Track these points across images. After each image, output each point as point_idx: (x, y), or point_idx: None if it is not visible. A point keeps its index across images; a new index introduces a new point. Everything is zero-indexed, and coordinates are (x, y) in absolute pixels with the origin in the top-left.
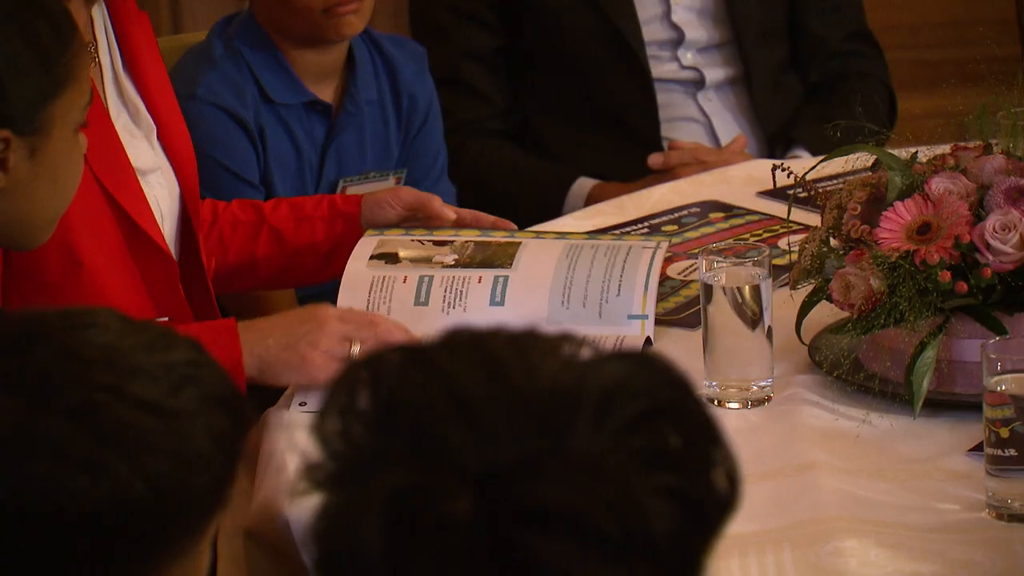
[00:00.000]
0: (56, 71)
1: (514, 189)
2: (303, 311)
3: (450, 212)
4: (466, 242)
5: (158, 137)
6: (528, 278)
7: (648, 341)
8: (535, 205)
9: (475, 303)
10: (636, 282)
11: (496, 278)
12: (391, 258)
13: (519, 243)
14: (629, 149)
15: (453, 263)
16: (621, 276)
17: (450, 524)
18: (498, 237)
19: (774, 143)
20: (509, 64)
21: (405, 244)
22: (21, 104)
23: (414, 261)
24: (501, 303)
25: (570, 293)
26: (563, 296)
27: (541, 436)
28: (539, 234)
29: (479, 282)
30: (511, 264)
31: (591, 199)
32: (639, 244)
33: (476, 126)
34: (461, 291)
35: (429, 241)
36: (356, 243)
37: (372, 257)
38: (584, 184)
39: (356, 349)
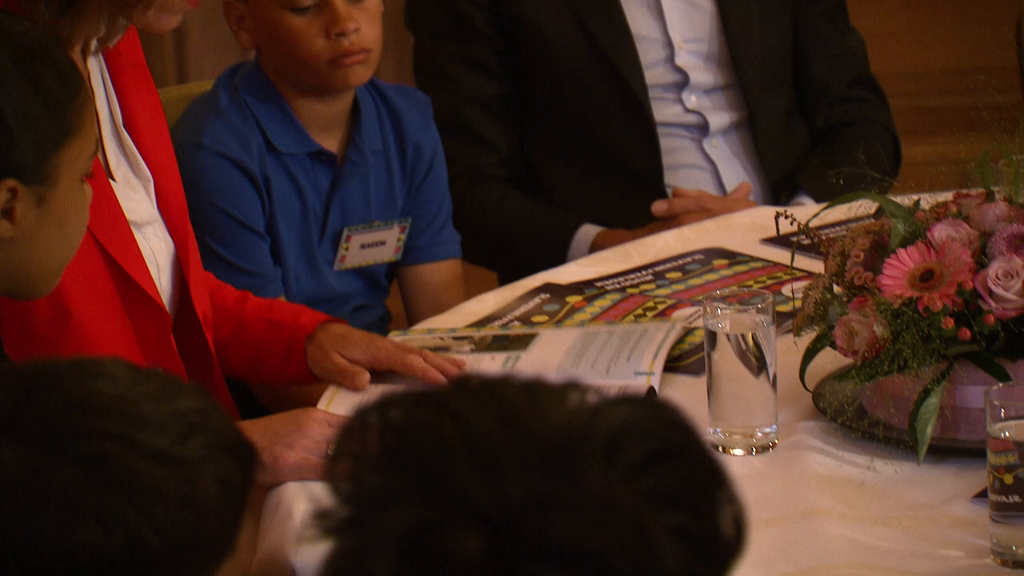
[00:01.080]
0: (63, 121)
1: (518, 236)
2: (289, 413)
3: (435, 374)
4: (486, 335)
5: (154, 189)
6: (540, 356)
7: (652, 391)
8: (539, 252)
9: None
10: (647, 350)
11: (509, 356)
12: None
13: (536, 334)
14: (633, 195)
15: (470, 351)
16: (633, 348)
17: (462, 562)
18: (517, 330)
19: (778, 190)
20: (513, 110)
21: (425, 341)
22: (29, 153)
23: (433, 351)
24: None
25: (580, 360)
26: (573, 362)
27: (552, 475)
28: (559, 324)
29: (491, 360)
30: (526, 348)
31: (595, 246)
32: (654, 326)
33: (480, 173)
34: (472, 368)
35: (450, 337)
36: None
37: None
38: (588, 231)
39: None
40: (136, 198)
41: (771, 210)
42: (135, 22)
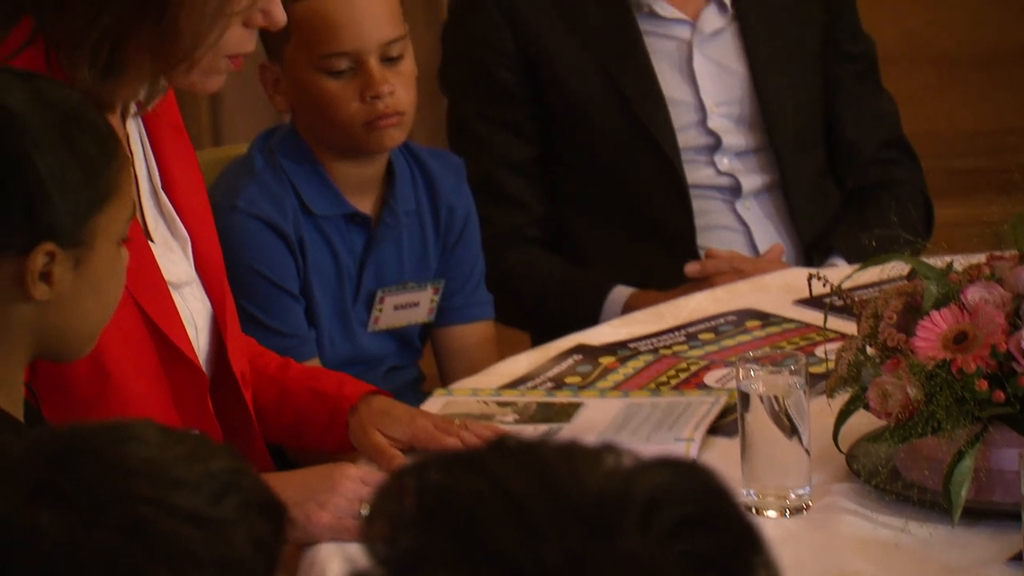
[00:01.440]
0: (100, 185)
1: (551, 297)
2: (324, 468)
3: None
4: (530, 403)
5: (192, 250)
6: (583, 429)
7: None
8: (572, 313)
9: None
10: (690, 420)
11: (551, 428)
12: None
13: (581, 403)
14: (666, 257)
15: (513, 422)
16: (676, 418)
17: None
18: (561, 398)
19: (811, 251)
20: (546, 171)
21: (470, 405)
22: (66, 217)
23: (475, 419)
24: None
25: (622, 429)
26: (615, 432)
27: (589, 536)
28: (603, 392)
29: (533, 431)
30: (569, 420)
31: (628, 307)
32: (698, 398)
33: (513, 234)
34: None
35: (494, 402)
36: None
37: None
38: (621, 292)
39: (366, 511)
40: (174, 259)
41: (804, 271)
42: (178, 84)
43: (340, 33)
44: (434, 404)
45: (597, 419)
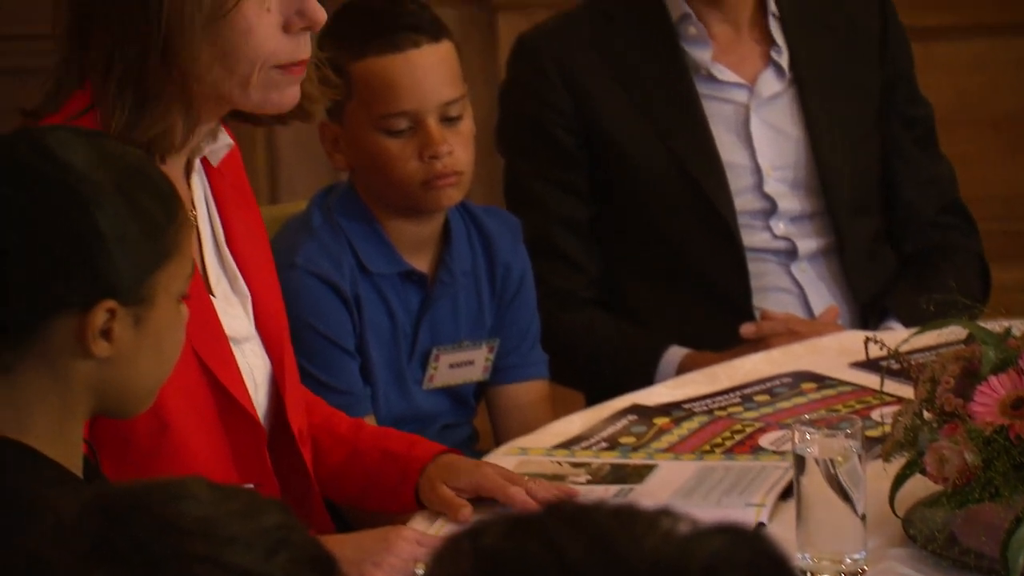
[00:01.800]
0: (161, 242)
1: (606, 357)
2: (381, 530)
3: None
4: (603, 464)
5: (252, 305)
6: (654, 491)
7: (760, 525)
8: (627, 373)
9: None
10: (763, 485)
11: (622, 489)
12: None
13: (655, 464)
14: (721, 318)
15: (585, 482)
16: (749, 482)
17: None
18: (635, 460)
19: (867, 314)
20: (601, 232)
21: (544, 464)
22: (127, 275)
23: (548, 479)
24: None
25: (694, 492)
26: (686, 495)
27: None
28: (678, 456)
29: (604, 492)
30: (641, 481)
31: (683, 368)
32: (773, 463)
33: (568, 294)
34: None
35: (568, 462)
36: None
37: None
38: (676, 353)
39: (421, 572)
40: (235, 314)
41: (860, 334)
42: (247, 108)
43: (400, 93)
44: (507, 463)
45: (669, 481)
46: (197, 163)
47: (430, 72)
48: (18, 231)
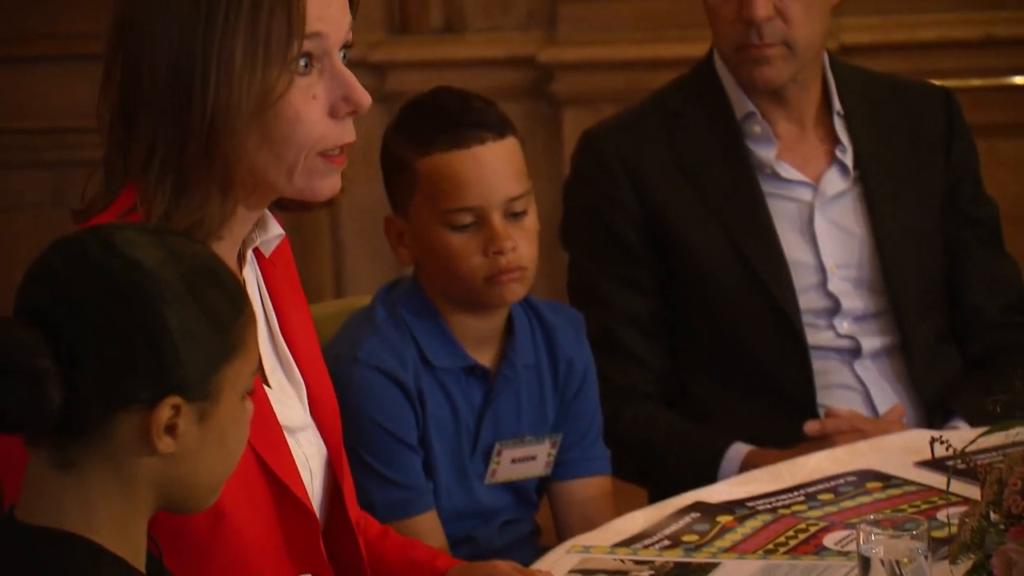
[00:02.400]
0: (228, 339)
1: (669, 454)
2: (485, 564)
3: None
4: (666, 562)
5: (307, 395)
6: None
7: None
8: (690, 470)
9: None
10: None
11: None
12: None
13: (719, 563)
14: (785, 415)
15: None
16: None
17: None
18: (700, 558)
19: (932, 413)
20: (665, 328)
21: (606, 562)
22: (193, 371)
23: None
24: None
25: None
26: None
27: None
28: (741, 555)
29: None
30: None
31: (746, 465)
32: (837, 564)
33: (632, 390)
34: None
35: (631, 559)
36: None
37: (570, 572)
38: (739, 450)
39: None
40: (291, 404)
41: (925, 433)
42: (289, 195)
43: (465, 189)
44: (569, 561)
45: None
46: (249, 254)
47: (495, 168)
48: (88, 328)
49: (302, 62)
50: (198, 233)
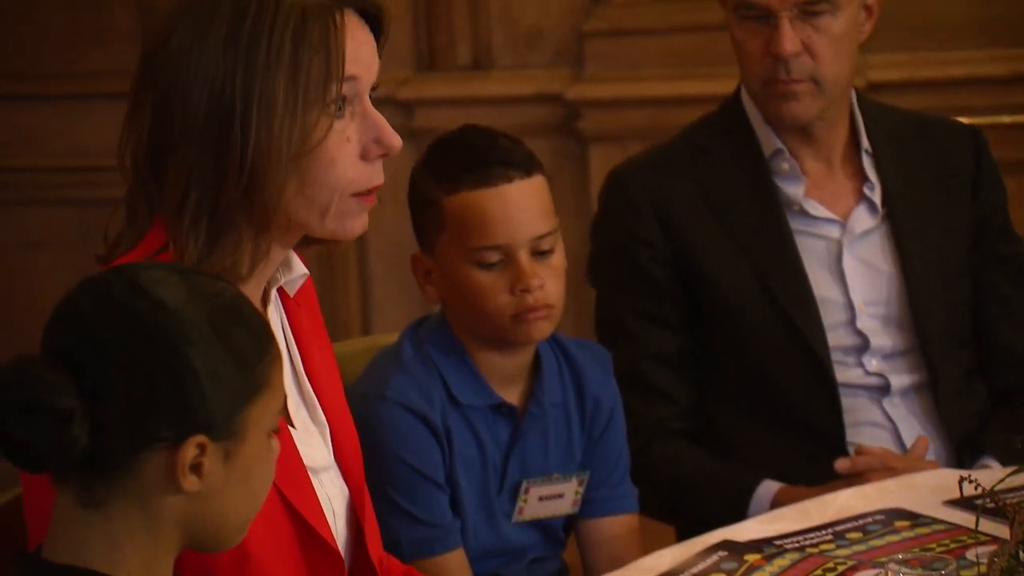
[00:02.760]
0: (253, 378)
1: (697, 491)
2: None
3: None
4: None
5: (330, 436)
6: None
7: None
8: (718, 507)
9: None
10: None
11: None
12: None
13: None
14: (813, 451)
15: None
16: None
17: None
18: None
19: (961, 451)
20: (693, 364)
21: None
22: (218, 410)
23: None
24: None
25: None
26: None
27: None
28: None
29: None
30: None
31: (776, 503)
32: None
33: (659, 427)
34: None
35: None
36: None
37: None
38: (769, 487)
39: None
40: (314, 444)
41: (954, 472)
42: (320, 235)
43: (492, 227)
44: None
45: None
46: (273, 293)
47: (522, 207)
48: (113, 368)
49: (335, 106)
50: (229, 277)
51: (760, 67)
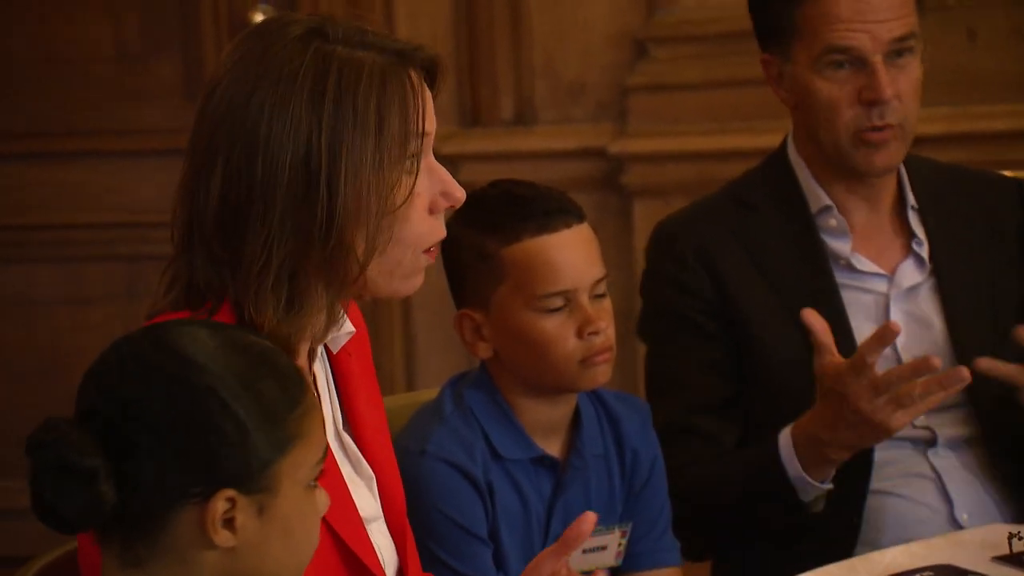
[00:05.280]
0: (283, 430)
1: (732, 482)
2: None
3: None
4: None
5: (377, 487)
6: None
7: None
8: (758, 484)
9: None
10: None
11: None
12: None
13: None
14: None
15: None
16: None
17: None
18: None
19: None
20: (739, 416)
21: None
22: (247, 464)
23: None
24: None
25: None
26: None
27: None
28: None
29: None
30: None
31: (797, 443)
32: None
33: (699, 459)
34: None
35: None
36: None
37: None
38: (786, 436)
39: None
40: (361, 494)
41: (1003, 528)
42: (380, 293)
43: (559, 272)
44: None
45: None
46: (320, 348)
47: (582, 251)
48: (139, 426)
49: (413, 161)
50: (303, 338)
51: (852, 117)
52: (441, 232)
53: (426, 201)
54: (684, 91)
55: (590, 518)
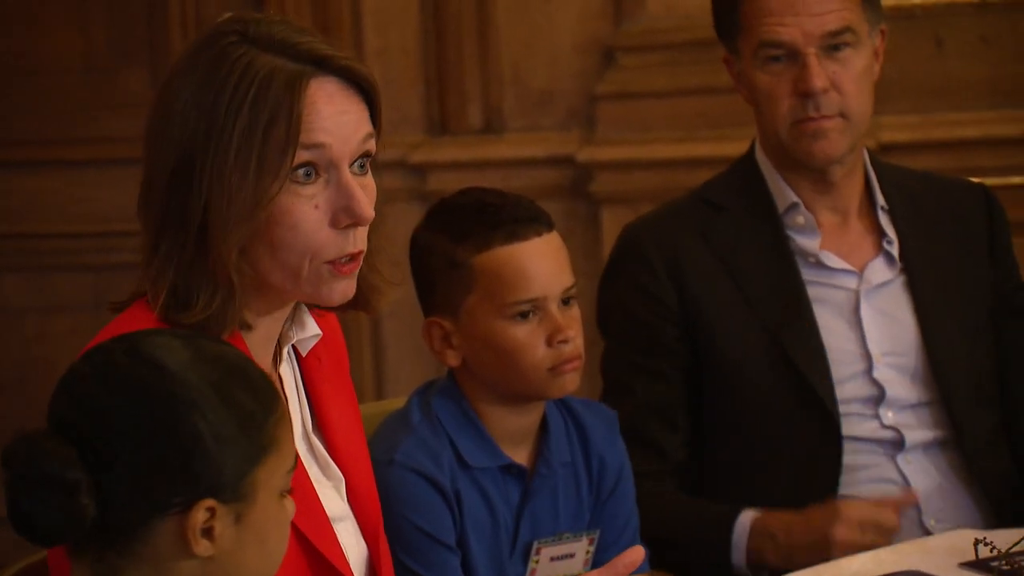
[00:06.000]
0: (259, 439)
1: (682, 522)
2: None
3: None
4: None
5: (346, 489)
6: None
7: None
8: (700, 543)
9: None
10: None
11: None
12: None
13: None
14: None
15: None
16: None
17: None
18: None
19: (1002, 511)
20: (688, 420)
21: None
22: (225, 474)
23: None
24: None
25: None
26: None
27: None
28: None
29: None
30: None
31: (755, 531)
32: None
33: (650, 477)
34: None
35: None
36: None
37: None
38: (748, 516)
39: None
40: (329, 495)
41: (969, 533)
42: (303, 300)
43: (530, 280)
44: None
45: None
46: (287, 350)
47: (552, 259)
48: (117, 437)
49: (302, 171)
50: (212, 328)
51: (788, 108)
52: (348, 247)
53: (327, 214)
54: (652, 99)
55: (639, 553)
